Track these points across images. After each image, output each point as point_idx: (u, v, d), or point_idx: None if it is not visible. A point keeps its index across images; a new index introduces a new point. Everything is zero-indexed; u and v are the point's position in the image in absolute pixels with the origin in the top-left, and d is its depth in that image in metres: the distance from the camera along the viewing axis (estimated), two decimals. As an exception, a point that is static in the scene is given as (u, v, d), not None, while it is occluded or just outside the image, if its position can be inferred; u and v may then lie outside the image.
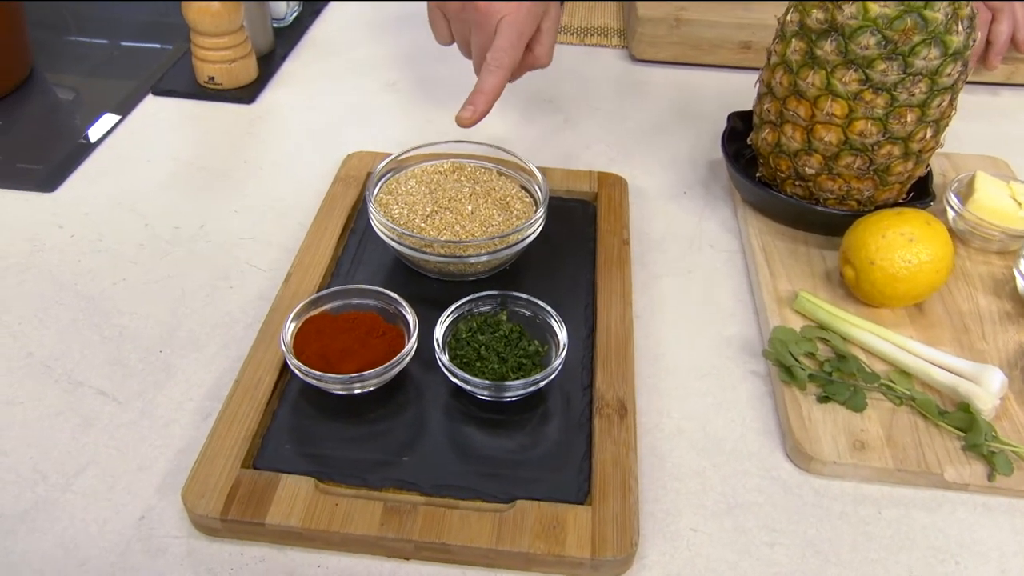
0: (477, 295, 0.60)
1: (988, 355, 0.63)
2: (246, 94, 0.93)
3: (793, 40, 0.67)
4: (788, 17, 0.68)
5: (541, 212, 0.65)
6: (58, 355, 0.62)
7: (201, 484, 0.50)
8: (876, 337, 0.62)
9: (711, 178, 0.84)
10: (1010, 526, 0.53)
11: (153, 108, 0.91)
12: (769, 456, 0.57)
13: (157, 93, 0.93)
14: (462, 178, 0.70)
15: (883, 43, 0.62)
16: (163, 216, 0.75)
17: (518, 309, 0.61)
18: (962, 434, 0.56)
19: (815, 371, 0.60)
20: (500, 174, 0.71)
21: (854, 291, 0.66)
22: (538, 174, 0.68)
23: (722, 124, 0.81)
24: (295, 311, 0.59)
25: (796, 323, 0.65)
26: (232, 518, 0.49)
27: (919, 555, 0.52)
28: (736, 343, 0.65)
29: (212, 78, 0.92)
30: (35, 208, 0.75)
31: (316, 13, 1.11)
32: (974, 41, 0.63)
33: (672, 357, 0.64)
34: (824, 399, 0.58)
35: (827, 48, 0.64)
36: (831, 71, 0.64)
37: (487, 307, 0.61)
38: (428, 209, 0.65)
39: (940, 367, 0.60)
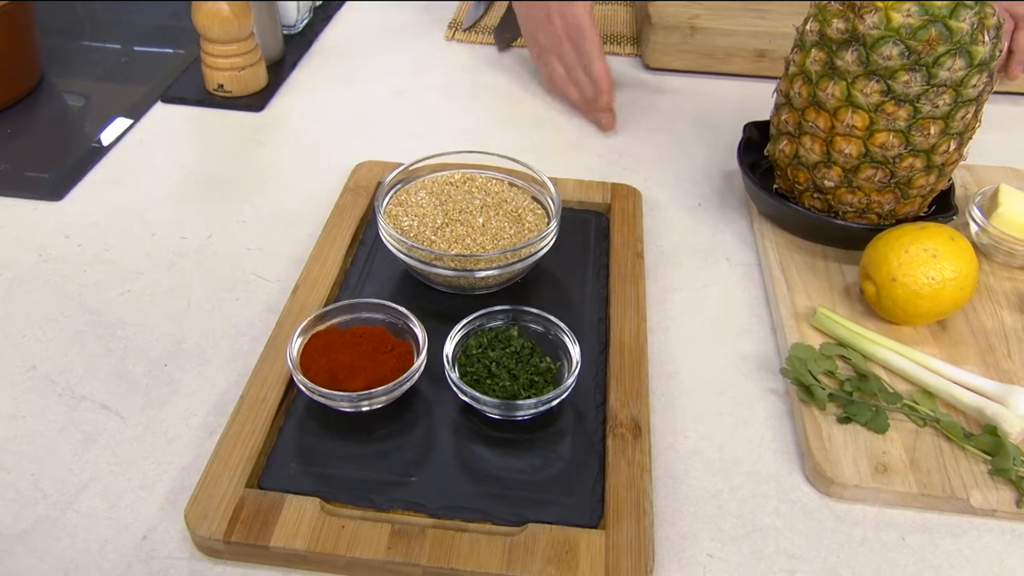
0: (488, 310, 0.59)
1: (1015, 375, 0.61)
2: (255, 102, 0.92)
3: (813, 50, 0.65)
4: (807, 26, 0.66)
5: (554, 225, 0.63)
6: (61, 368, 0.61)
7: (204, 504, 0.49)
8: (898, 355, 0.60)
9: (727, 189, 0.82)
10: (1039, 554, 0.52)
11: (162, 115, 0.90)
12: (788, 478, 0.55)
13: (166, 100, 0.92)
14: (472, 189, 0.68)
15: (906, 53, 0.60)
16: (170, 226, 0.74)
17: (530, 325, 0.59)
18: (989, 458, 0.54)
19: (835, 390, 0.58)
20: (512, 185, 0.70)
21: (874, 307, 0.64)
22: (551, 186, 0.67)
23: (737, 134, 0.79)
24: (302, 326, 0.57)
25: (814, 339, 0.63)
26: (236, 540, 0.48)
27: (945, 584, 0.50)
28: (753, 360, 0.64)
29: (221, 85, 0.91)
30: (42, 217, 0.75)
31: (327, 20, 1.10)
32: (1000, 52, 0.62)
33: (687, 374, 0.62)
34: (845, 420, 0.57)
35: (848, 58, 0.62)
36: (852, 82, 0.63)
37: (498, 322, 0.59)
38: (439, 221, 0.64)
39: (965, 387, 0.58)
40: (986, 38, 0.60)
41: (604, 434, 0.55)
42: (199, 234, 0.74)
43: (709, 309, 0.68)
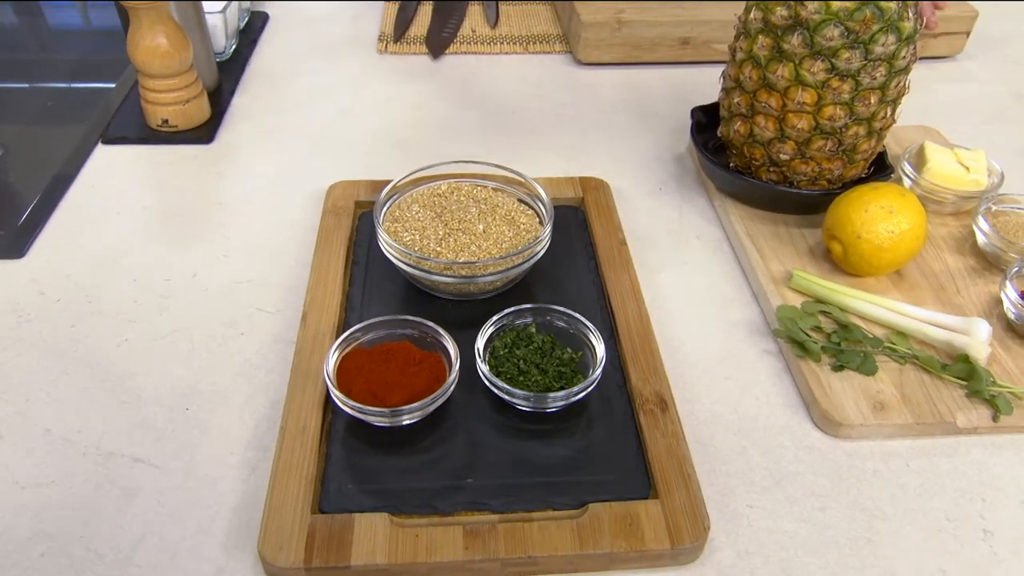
0: (515, 308, 0.62)
1: (967, 308, 0.69)
2: (203, 134, 0.90)
3: (759, 36, 0.71)
4: (751, 15, 0.72)
5: (549, 224, 0.67)
6: (78, 427, 0.59)
7: (276, 536, 0.50)
8: (871, 305, 0.67)
9: (681, 172, 0.88)
10: (1019, 460, 0.59)
11: (107, 157, 0.87)
12: (799, 427, 0.61)
13: (107, 141, 0.89)
14: (461, 198, 0.71)
15: (846, 34, 0.67)
16: (150, 269, 0.73)
17: (555, 322, 0.62)
18: (964, 383, 0.62)
19: (825, 343, 0.64)
20: (496, 190, 0.73)
21: (841, 264, 0.71)
22: (538, 187, 0.70)
23: (676, 119, 0.85)
24: (334, 348, 0.58)
25: (793, 300, 0.69)
26: (316, 565, 0.49)
27: (950, 498, 0.57)
28: (743, 326, 0.69)
29: (166, 120, 0.89)
30: (8, 276, 0.71)
31: (252, 44, 1.09)
32: (922, 25, 0.69)
33: (689, 347, 0.67)
34: (838, 368, 0.63)
35: (794, 42, 0.68)
36: (799, 63, 0.69)
37: (526, 319, 0.62)
38: (440, 232, 0.66)
39: (932, 325, 0.65)
40: (910, 14, 0.68)
41: (634, 412, 0.59)
42: (183, 273, 0.72)
43: (693, 285, 0.73)
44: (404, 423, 0.57)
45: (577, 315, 0.61)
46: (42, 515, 0.53)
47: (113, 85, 0.98)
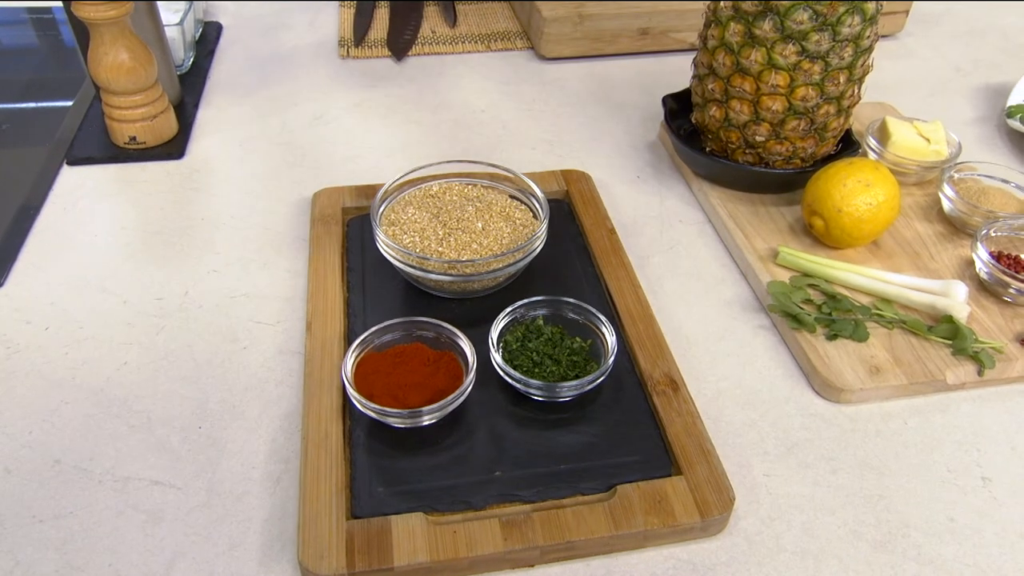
0: (528, 300, 0.63)
1: (942, 272, 0.73)
2: (173, 149, 0.88)
3: (731, 24, 0.73)
4: (721, 4, 0.74)
5: (546, 218, 0.68)
6: (89, 455, 0.58)
7: (315, 545, 0.50)
8: (856, 275, 0.70)
9: (655, 159, 0.90)
10: (1005, 409, 0.63)
11: (75, 179, 0.84)
12: (801, 396, 0.64)
13: (73, 162, 0.86)
14: (454, 197, 0.71)
15: (814, 17, 0.70)
16: (138, 290, 0.71)
17: (567, 314, 0.63)
18: (949, 342, 0.65)
19: (817, 314, 0.67)
20: (487, 188, 0.73)
21: (823, 239, 0.74)
22: (530, 182, 0.71)
23: (644, 107, 0.87)
24: (350, 351, 0.58)
25: (780, 275, 0.72)
26: (360, 570, 0.49)
27: (949, 451, 0.60)
28: (736, 304, 0.72)
29: (134, 138, 0.87)
30: (-10, 308, 0.69)
31: (210, 55, 1.07)
32: (881, 6, 0.73)
33: (688, 328, 0.69)
34: (832, 337, 0.66)
35: (765, 27, 0.71)
36: (771, 47, 0.72)
37: (541, 311, 0.64)
38: (440, 233, 0.67)
39: (914, 289, 0.69)
40: (871, -5, 0.71)
41: (647, 394, 0.61)
42: (174, 292, 0.71)
43: (683, 267, 0.75)
44: (424, 423, 0.57)
45: (587, 306, 0.63)
46: (66, 547, 0.52)
47: (70, 103, 0.95)
